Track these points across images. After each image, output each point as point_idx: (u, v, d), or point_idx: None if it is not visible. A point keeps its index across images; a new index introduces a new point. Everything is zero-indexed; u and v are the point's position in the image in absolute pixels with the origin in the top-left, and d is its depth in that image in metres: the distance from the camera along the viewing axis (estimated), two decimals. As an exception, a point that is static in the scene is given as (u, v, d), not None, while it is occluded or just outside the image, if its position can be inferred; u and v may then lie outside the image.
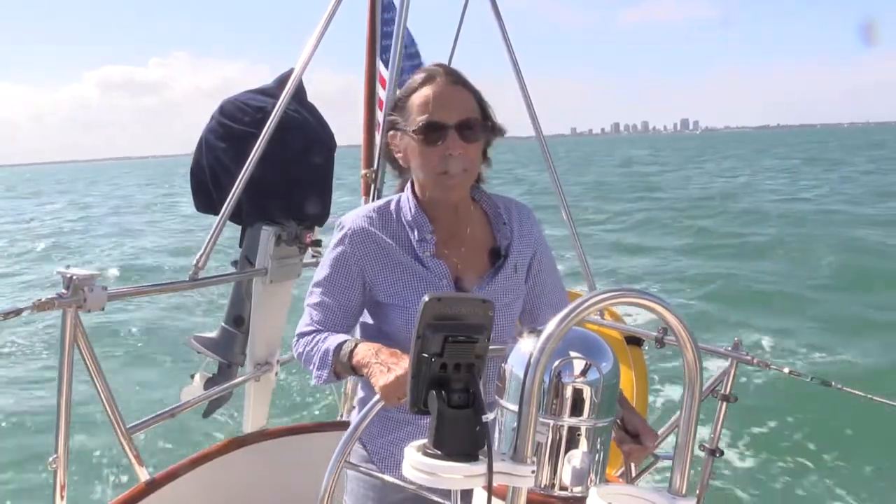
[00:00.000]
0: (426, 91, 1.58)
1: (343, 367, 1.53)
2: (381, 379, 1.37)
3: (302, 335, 1.64)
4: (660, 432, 2.24)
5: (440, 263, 1.63)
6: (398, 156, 1.66)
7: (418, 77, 1.62)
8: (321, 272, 1.67)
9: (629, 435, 1.42)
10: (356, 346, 1.51)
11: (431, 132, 1.56)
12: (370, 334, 1.68)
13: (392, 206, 1.68)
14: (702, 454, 2.02)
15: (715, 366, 2.12)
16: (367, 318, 1.72)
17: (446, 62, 2.62)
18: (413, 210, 1.65)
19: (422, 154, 1.58)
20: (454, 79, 1.59)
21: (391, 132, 1.65)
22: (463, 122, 1.56)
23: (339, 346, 1.53)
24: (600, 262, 14.01)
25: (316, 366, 1.57)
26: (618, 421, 1.41)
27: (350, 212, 1.71)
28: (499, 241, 1.70)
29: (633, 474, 1.69)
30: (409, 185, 1.70)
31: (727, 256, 14.71)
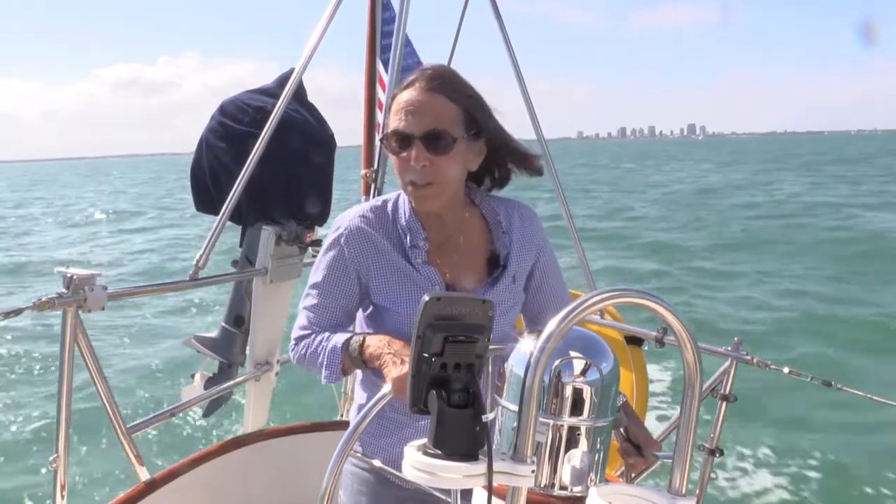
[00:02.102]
0: (402, 96, 1.52)
1: (352, 362, 1.51)
2: (393, 370, 1.36)
3: (300, 338, 1.62)
4: (660, 432, 2.25)
5: (432, 270, 1.60)
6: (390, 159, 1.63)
7: (404, 80, 1.56)
8: (317, 274, 1.64)
9: (633, 446, 1.39)
10: (365, 338, 1.50)
11: (397, 141, 1.51)
12: None
13: (389, 207, 1.64)
14: (702, 454, 2.02)
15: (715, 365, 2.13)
16: (358, 319, 1.71)
17: (446, 62, 2.62)
18: (408, 215, 1.61)
19: (394, 162, 1.56)
20: (433, 85, 1.51)
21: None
22: (429, 132, 1.48)
23: (347, 341, 1.52)
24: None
25: (324, 365, 1.55)
26: (622, 431, 1.40)
27: (345, 212, 1.67)
28: (497, 250, 1.65)
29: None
30: None
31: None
